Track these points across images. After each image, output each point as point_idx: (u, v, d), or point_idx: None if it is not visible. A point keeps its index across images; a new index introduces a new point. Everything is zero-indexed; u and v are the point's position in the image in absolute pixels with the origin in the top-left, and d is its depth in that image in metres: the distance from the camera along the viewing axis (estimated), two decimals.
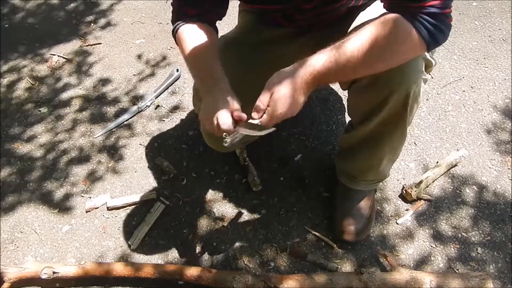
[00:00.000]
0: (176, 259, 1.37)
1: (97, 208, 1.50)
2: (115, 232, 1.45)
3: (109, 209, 1.49)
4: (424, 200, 1.42)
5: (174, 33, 1.13)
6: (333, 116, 1.68)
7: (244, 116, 0.93)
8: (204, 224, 1.44)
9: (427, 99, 1.70)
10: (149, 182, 1.57)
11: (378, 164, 1.24)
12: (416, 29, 0.83)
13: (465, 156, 1.51)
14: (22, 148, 1.72)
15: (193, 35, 1.08)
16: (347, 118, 1.49)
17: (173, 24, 1.13)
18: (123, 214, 1.49)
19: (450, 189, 1.45)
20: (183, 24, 1.10)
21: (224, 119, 0.91)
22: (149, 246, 1.40)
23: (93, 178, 1.60)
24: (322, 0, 1.08)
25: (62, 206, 1.53)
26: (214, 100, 0.96)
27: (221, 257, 1.36)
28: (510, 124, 1.59)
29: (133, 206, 1.50)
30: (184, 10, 1.10)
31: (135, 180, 1.58)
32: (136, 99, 1.85)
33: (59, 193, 1.57)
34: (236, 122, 0.93)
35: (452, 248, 1.32)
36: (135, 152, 1.67)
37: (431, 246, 1.33)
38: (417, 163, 1.52)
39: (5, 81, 2.00)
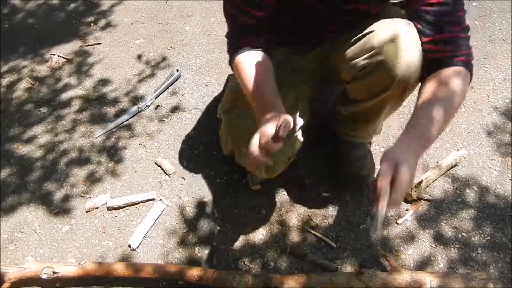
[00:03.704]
0: (176, 259, 1.36)
1: (97, 208, 1.50)
2: (115, 232, 1.45)
3: (109, 209, 1.49)
4: (424, 200, 1.42)
5: (231, 62, 1.18)
6: None
7: (290, 124, 0.92)
8: (204, 224, 1.44)
9: None
10: (149, 182, 1.57)
11: (376, 125, 1.40)
12: (470, 72, 1.05)
13: (465, 156, 1.51)
14: (22, 148, 1.72)
15: (251, 64, 1.11)
16: None
17: (230, 54, 1.18)
18: (123, 214, 1.49)
19: (450, 189, 1.44)
20: (240, 54, 1.14)
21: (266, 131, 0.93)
22: (149, 246, 1.40)
23: (93, 178, 1.60)
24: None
25: (62, 206, 1.53)
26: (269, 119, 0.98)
27: (221, 257, 1.36)
28: (510, 125, 1.59)
29: (133, 206, 1.50)
30: (243, 41, 1.15)
31: (135, 180, 1.58)
32: (136, 99, 1.85)
33: (59, 193, 1.57)
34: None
35: (452, 248, 1.32)
36: (135, 152, 1.67)
37: (431, 246, 1.33)
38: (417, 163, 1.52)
39: (5, 81, 2.00)
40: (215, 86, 1.85)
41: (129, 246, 1.39)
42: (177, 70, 1.89)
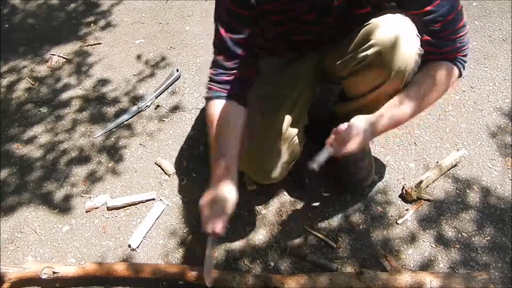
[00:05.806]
0: (176, 259, 1.36)
1: (97, 208, 1.50)
2: (115, 232, 1.44)
3: (109, 209, 1.49)
4: (424, 200, 1.42)
5: (206, 101, 1.20)
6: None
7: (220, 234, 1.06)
8: None
9: None
10: (149, 182, 1.57)
11: None
12: (458, 68, 1.13)
13: (465, 156, 1.51)
14: (22, 149, 1.72)
15: (220, 118, 1.14)
16: None
17: (207, 92, 1.21)
18: (123, 214, 1.49)
19: (450, 189, 1.44)
20: (215, 99, 1.17)
21: (218, 226, 1.05)
22: (149, 246, 1.40)
23: (93, 178, 1.60)
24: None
25: (62, 206, 1.53)
26: (216, 197, 1.09)
27: (221, 257, 1.35)
28: (510, 125, 1.59)
29: (133, 206, 1.50)
30: (222, 78, 1.19)
31: (135, 180, 1.58)
32: (136, 99, 1.85)
33: (59, 193, 1.57)
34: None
35: (452, 248, 1.31)
36: (135, 152, 1.67)
37: (431, 246, 1.33)
38: (417, 163, 1.52)
39: (5, 81, 2.00)
40: None
41: (129, 246, 1.39)
42: (177, 70, 1.89)
